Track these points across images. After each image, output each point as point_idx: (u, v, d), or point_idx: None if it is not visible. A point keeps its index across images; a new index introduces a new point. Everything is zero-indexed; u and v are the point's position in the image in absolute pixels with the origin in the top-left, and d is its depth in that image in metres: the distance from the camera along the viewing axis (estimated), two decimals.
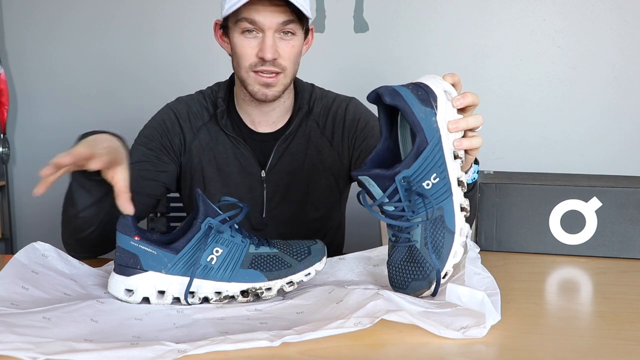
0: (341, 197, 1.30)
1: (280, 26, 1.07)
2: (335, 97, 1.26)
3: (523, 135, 2.03)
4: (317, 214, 1.25)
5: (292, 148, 1.21)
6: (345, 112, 1.23)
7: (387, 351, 0.65)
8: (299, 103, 1.21)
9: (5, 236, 2.33)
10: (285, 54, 1.10)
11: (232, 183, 1.20)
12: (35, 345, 0.62)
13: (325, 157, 1.22)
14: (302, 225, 1.24)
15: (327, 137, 1.23)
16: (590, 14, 1.95)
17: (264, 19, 1.06)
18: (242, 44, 1.09)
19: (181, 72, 2.14)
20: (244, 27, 1.08)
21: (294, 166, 1.21)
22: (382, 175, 0.76)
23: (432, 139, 0.76)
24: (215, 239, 0.80)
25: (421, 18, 2.04)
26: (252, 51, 1.09)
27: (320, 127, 1.23)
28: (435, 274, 0.78)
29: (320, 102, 1.24)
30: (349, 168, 1.24)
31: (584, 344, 0.68)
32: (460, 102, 0.79)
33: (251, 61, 1.10)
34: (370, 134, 1.21)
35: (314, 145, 1.22)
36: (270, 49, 1.07)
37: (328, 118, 1.23)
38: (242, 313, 0.77)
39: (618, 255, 1.04)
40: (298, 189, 1.22)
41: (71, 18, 2.23)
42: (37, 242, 0.90)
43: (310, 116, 1.23)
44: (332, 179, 1.24)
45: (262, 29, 1.07)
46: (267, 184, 1.20)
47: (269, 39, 1.07)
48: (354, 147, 1.22)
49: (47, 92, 2.28)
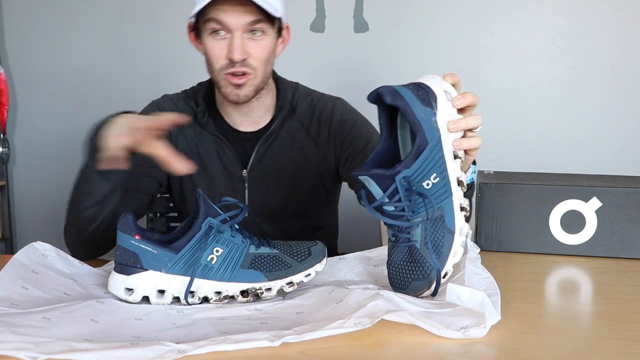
0: (329, 197, 1.29)
1: (248, 26, 1.06)
2: (321, 97, 1.24)
3: (523, 135, 2.03)
4: (301, 214, 1.24)
5: (275, 148, 1.20)
6: (331, 112, 1.22)
7: (387, 351, 0.65)
8: (280, 102, 1.20)
9: (5, 236, 2.33)
10: (256, 54, 1.09)
11: (214, 181, 1.20)
12: (35, 345, 0.62)
13: (311, 157, 1.21)
14: (285, 224, 1.23)
15: (312, 137, 1.21)
16: (590, 14, 1.95)
17: (231, 19, 1.05)
18: (211, 46, 1.09)
19: (182, 72, 2.14)
20: (212, 28, 1.07)
21: (276, 166, 1.20)
22: (382, 175, 0.76)
23: (432, 139, 0.76)
24: (216, 238, 0.80)
25: (421, 18, 2.04)
26: (221, 52, 1.08)
27: (305, 127, 1.21)
28: (435, 273, 0.78)
29: (304, 102, 1.22)
30: (335, 168, 1.23)
31: (584, 344, 0.68)
32: (460, 102, 0.79)
33: (221, 63, 1.09)
34: (358, 135, 1.20)
35: (299, 146, 1.21)
36: (238, 50, 1.06)
37: (313, 118, 1.22)
38: (242, 313, 0.77)
39: (618, 255, 1.04)
40: (280, 189, 1.21)
41: (71, 18, 2.23)
42: (37, 242, 0.90)
43: (294, 115, 1.21)
44: (318, 179, 1.23)
45: (230, 30, 1.06)
46: (249, 183, 1.20)
47: (237, 39, 1.06)
48: (341, 149, 1.21)
49: (47, 92, 2.28)
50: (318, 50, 2.08)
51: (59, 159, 2.25)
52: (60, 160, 2.23)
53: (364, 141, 1.19)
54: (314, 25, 2.07)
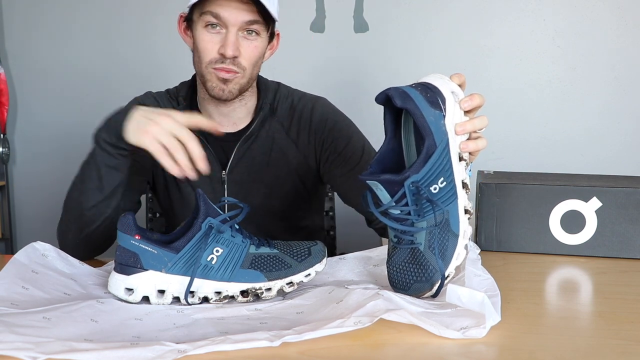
0: (311, 198, 1.28)
1: (244, 25, 1.06)
2: (302, 97, 1.24)
3: (523, 135, 2.03)
4: (281, 215, 1.23)
5: (255, 149, 1.19)
6: (311, 112, 1.21)
7: (387, 351, 0.65)
8: (260, 103, 1.19)
9: (5, 236, 2.33)
10: (247, 53, 1.09)
11: (194, 182, 1.20)
12: (35, 345, 0.62)
13: (291, 158, 1.21)
14: (266, 225, 1.21)
15: (292, 139, 1.20)
16: (590, 14, 1.95)
17: (229, 14, 1.05)
18: (204, 38, 1.08)
19: (182, 72, 2.13)
20: (208, 21, 1.07)
21: (256, 167, 1.19)
22: (391, 181, 0.75)
23: (441, 142, 0.75)
24: (216, 238, 0.80)
25: (421, 18, 2.03)
26: (213, 46, 1.08)
27: (285, 128, 1.21)
28: (438, 276, 0.78)
29: (285, 102, 1.22)
30: (317, 169, 1.23)
31: (584, 344, 0.68)
32: (469, 104, 0.79)
33: (212, 57, 1.08)
34: (339, 135, 1.19)
35: (279, 147, 1.20)
36: (232, 46, 1.06)
37: (293, 119, 1.21)
38: (242, 313, 0.77)
39: (618, 255, 1.04)
40: (260, 190, 1.20)
41: (71, 18, 2.23)
42: (37, 242, 0.90)
43: (274, 117, 1.20)
44: (298, 180, 1.22)
45: (226, 25, 1.06)
46: (229, 185, 1.19)
47: (232, 35, 1.06)
48: (322, 149, 1.20)
49: (47, 92, 2.28)
50: (318, 50, 2.07)
51: (59, 158, 2.25)
52: (61, 160, 2.22)
53: (345, 141, 1.19)
54: (314, 25, 2.07)
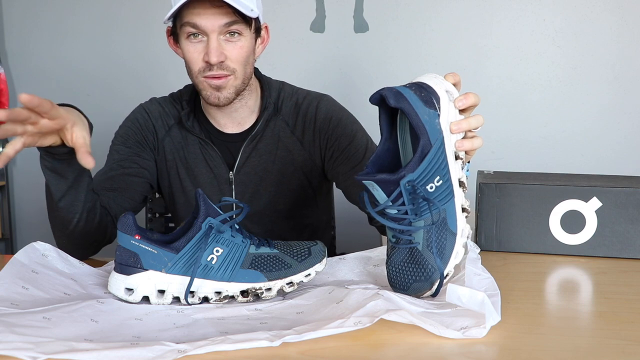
0: (316, 196, 1.28)
1: (223, 28, 1.06)
2: (306, 95, 1.24)
3: (523, 135, 2.03)
4: (288, 213, 1.24)
5: (261, 148, 1.20)
6: (316, 110, 1.21)
7: (387, 351, 0.65)
8: (265, 102, 1.20)
9: (5, 236, 2.33)
10: (233, 55, 1.09)
11: (201, 184, 1.20)
12: (35, 345, 0.62)
13: (296, 156, 1.21)
14: (273, 224, 1.23)
15: (297, 137, 1.21)
16: (590, 14, 1.95)
17: (206, 21, 1.05)
18: (188, 49, 1.09)
19: (181, 72, 2.13)
20: (189, 32, 1.07)
21: (262, 167, 1.20)
22: (387, 180, 0.75)
23: (436, 141, 0.75)
24: (216, 238, 0.80)
25: (421, 18, 2.04)
26: (198, 56, 1.08)
27: (290, 127, 1.21)
28: (437, 275, 0.78)
29: (289, 101, 1.22)
30: (322, 167, 1.23)
31: (584, 344, 0.68)
32: (463, 102, 0.79)
33: (199, 66, 1.09)
34: (342, 132, 1.20)
35: (284, 145, 1.21)
36: (214, 52, 1.06)
37: (298, 117, 1.21)
38: (242, 313, 0.77)
39: (618, 255, 1.04)
40: (267, 190, 1.21)
41: (72, 18, 2.23)
42: (37, 242, 0.90)
43: (279, 116, 1.21)
44: (304, 178, 1.23)
45: (206, 32, 1.06)
46: (236, 185, 1.20)
47: (213, 42, 1.06)
48: (326, 147, 1.21)
49: (47, 92, 2.28)
50: (318, 50, 2.07)
51: None
52: None
53: (348, 139, 1.19)
54: (314, 25, 2.07)
